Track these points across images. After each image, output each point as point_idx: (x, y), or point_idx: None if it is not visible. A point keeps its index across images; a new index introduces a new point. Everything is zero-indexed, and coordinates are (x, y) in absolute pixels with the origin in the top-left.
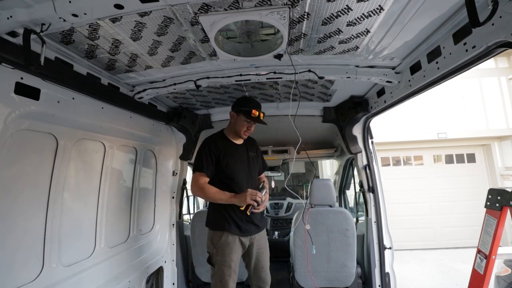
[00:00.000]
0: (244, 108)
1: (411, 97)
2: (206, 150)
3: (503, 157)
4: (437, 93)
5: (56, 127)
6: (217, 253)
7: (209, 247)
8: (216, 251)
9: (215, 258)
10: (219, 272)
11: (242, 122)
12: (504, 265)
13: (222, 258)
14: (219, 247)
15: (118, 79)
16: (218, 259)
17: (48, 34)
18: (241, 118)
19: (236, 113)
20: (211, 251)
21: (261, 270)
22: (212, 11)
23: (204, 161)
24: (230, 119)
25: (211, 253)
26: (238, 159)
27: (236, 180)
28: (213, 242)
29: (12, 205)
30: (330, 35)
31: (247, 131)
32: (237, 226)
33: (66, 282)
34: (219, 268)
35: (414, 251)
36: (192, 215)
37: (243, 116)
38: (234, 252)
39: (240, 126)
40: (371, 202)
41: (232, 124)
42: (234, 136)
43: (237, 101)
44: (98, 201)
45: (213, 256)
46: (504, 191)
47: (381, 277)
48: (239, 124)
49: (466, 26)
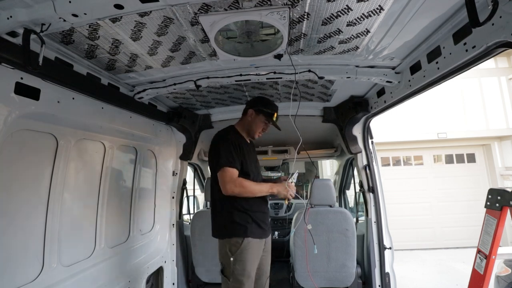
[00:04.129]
0: (267, 110)
1: (411, 97)
2: (231, 144)
3: (503, 157)
4: (437, 93)
5: (56, 127)
6: (235, 262)
7: (224, 257)
8: (235, 260)
9: (232, 268)
10: (236, 284)
11: (261, 122)
12: (504, 265)
13: (242, 267)
14: (238, 255)
15: (118, 79)
16: (237, 268)
17: (48, 34)
18: (260, 119)
19: (256, 112)
20: (226, 261)
21: (263, 275)
22: (212, 11)
23: (233, 154)
24: (246, 116)
25: (226, 264)
26: (251, 157)
27: (251, 177)
28: (231, 250)
29: (12, 205)
30: (330, 35)
31: (261, 132)
32: (257, 228)
33: (66, 282)
34: (236, 280)
35: (414, 251)
36: (192, 215)
37: (263, 117)
38: (255, 259)
39: (257, 126)
40: (371, 202)
41: (247, 122)
42: (246, 134)
43: (258, 100)
44: (98, 201)
45: (229, 266)
46: (504, 191)
47: (381, 277)
48: (257, 124)
49: (466, 26)
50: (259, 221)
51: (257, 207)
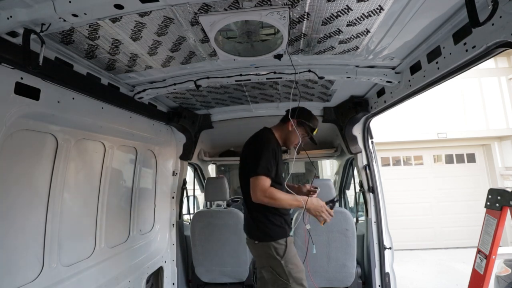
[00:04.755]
0: (310, 124)
1: (411, 97)
2: (272, 151)
3: (503, 157)
4: (437, 93)
5: (56, 127)
6: (287, 263)
7: (272, 262)
8: (285, 261)
9: (287, 270)
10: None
11: (301, 134)
12: (504, 265)
13: (295, 265)
14: (287, 255)
15: (118, 79)
16: (291, 268)
17: (48, 34)
18: (301, 131)
19: (298, 123)
20: (276, 265)
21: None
22: (212, 11)
23: (272, 164)
24: (286, 125)
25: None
26: (281, 164)
27: (282, 185)
28: (278, 253)
29: (12, 205)
30: (330, 35)
31: (297, 144)
32: (289, 228)
33: (66, 282)
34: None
35: (414, 251)
36: (192, 215)
37: (303, 130)
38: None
39: (295, 138)
40: (371, 202)
41: (286, 131)
42: (282, 142)
43: (301, 111)
44: (98, 201)
45: (282, 269)
46: (504, 191)
47: (381, 277)
48: (295, 136)
49: (466, 26)
50: (288, 222)
51: (286, 210)
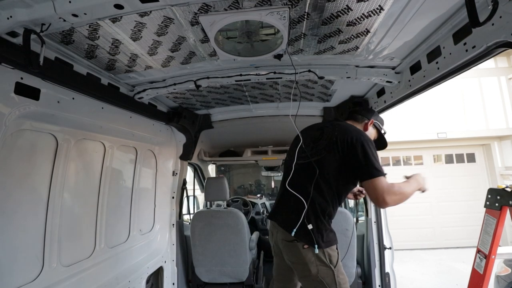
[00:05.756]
0: (382, 128)
1: (411, 97)
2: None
3: (503, 157)
4: (437, 93)
5: (56, 127)
6: (338, 273)
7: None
8: (337, 270)
9: (337, 280)
10: None
11: (371, 136)
12: (504, 265)
13: (343, 275)
14: (338, 264)
15: (118, 79)
16: (341, 278)
17: (48, 34)
18: (372, 132)
19: (374, 125)
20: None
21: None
22: (212, 11)
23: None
24: (360, 123)
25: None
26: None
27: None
28: (331, 261)
29: (12, 205)
30: (330, 35)
31: None
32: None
33: (66, 282)
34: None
35: (414, 251)
36: (192, 215)
37: (375, 132)
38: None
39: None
40: (371, 202)
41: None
42: None
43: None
44: (98, 201)
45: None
46: (504, 191)
47: (381, 277)
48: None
49: (466, 26)
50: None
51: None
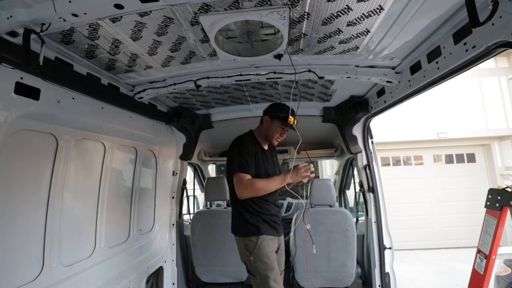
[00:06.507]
0: (280, 114)
1: (411, 97)
2: (247, 149)
3: (503, 157)
4: (437, 93)
5: (56, 127)
6: (256, 260)
7: (245, 257)
8: (254, 258)
9: (255, 266)
10: (264, 279)
11: (277, 128)
12: (504, 265)
13: (263, 263)
14: (256, 252)
15: (118, 79)
16: (259, 265)
17: (48, 34)
18: (275, 124)
19: (270, 118)
20: (247, 260)
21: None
22: (212, 11)
23: (248, 161)
24: (263, 123)
25: (247, 262)
26: (267, 164)
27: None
28: (248, 249)
29: (12, 205)
30: (330, 35)
31: (280, 138)
32: (269, 227)
33: (66, 282)
34: (262, 275)
35: (414, 251)
36: (192, 215)
37: (278, 122)
38: (272, 253)
39: (274, 132)
40: (371, 202)
41: (264, 129)
42: (263, 141)
43: (272, 107)
44: (98, 201)
45: (251, 264)
46: (504, 191)
47: (381, 277)
48: (273, 130)
49: (466, 26)
50: (270, 221)
51: (266, 210)
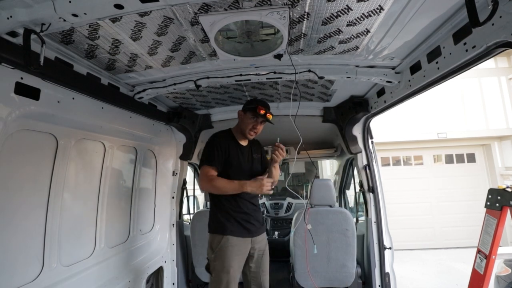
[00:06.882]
0: (250, 106)
1: (411, 97)
2: (217, 144)
3: (503, 157)
4: (437, 93)
5: (56, 127)
6: (215, 258)
7: (208, 253)
8: (215, 256)
9: (213, 264)
10: (217, 280)
11: (248, 120)
12: (504, 265)
13: (221, 263)
14: (217, 251)
15: (118, 79)
16: (216, 264)
17: (48, 34)
18: (247, 116)
19: (243, 111)
20: (210, 257)
21: (261, 273)
22: (212, 11)
23: (215, 154)
24: (238, 118)
25: (210, 259)
26: (242, 161)
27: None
28: (212, 246)
29: (12, 205)
30: (330, 35)
31: (253, 130)
32: (239, 226)
33: (66, 282)
34: (217, 275)
35: (414, 251)
36: (192, 215)
37: (249, 114)
38: (234, 256)
39: (246, 124)
40: (371, 202)
41: (239, 124)
42: (240, 136)
43: (246, 102)
44: (98, 201)
45: (211, 262)
46: (505, 191)
47: (381, 277)
48: (245, 123)
49: (466, 26)
50: (241, 220)
51: (239, 208)
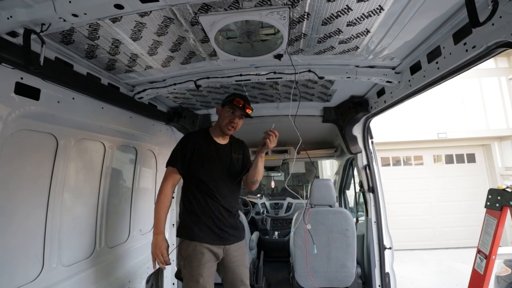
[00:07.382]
0: (228, 99)
1: (411, 97)
2: (183, 144)
3: (503, 157)
4: (437, 93)
5: (56, 127)
6: (185, 266)
7: (178, 259)
8: (184, 263)
9: (183, 272)
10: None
11: (226, 113)
12: (504, 265)
13: (190, 272)
14: (186, 258)
15: (118, 79)
16: (185, 272)
17: (48, 34)
18: (225, 110)
19: (221, 106)
20: (179, 264)
21: (239, 284)
22: (212, 11)
23: (177, 155)
24: (217, 114)
25: (179, 267)
26: (217, 160)
27: (211, 184)
28: (181, 253)
29: (12, 205)
30: (330, 35)
31: (230, 124)
32: (209, 232)
33: (66, 282)
34: (186, 284)
35: (414, 251)
36: None
37: (227, 107)
38: (203, 264)
39: (223, 118)
40: (371, 202)
41: (218, 120)
42: (218, 133)
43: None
44: (98, 201)
45: (182, 269)
46: (505, 191)
47: (381, 277)
48: (223, 117)
49: (466, 26)
50: (212, 225)
51: (209, 210)
